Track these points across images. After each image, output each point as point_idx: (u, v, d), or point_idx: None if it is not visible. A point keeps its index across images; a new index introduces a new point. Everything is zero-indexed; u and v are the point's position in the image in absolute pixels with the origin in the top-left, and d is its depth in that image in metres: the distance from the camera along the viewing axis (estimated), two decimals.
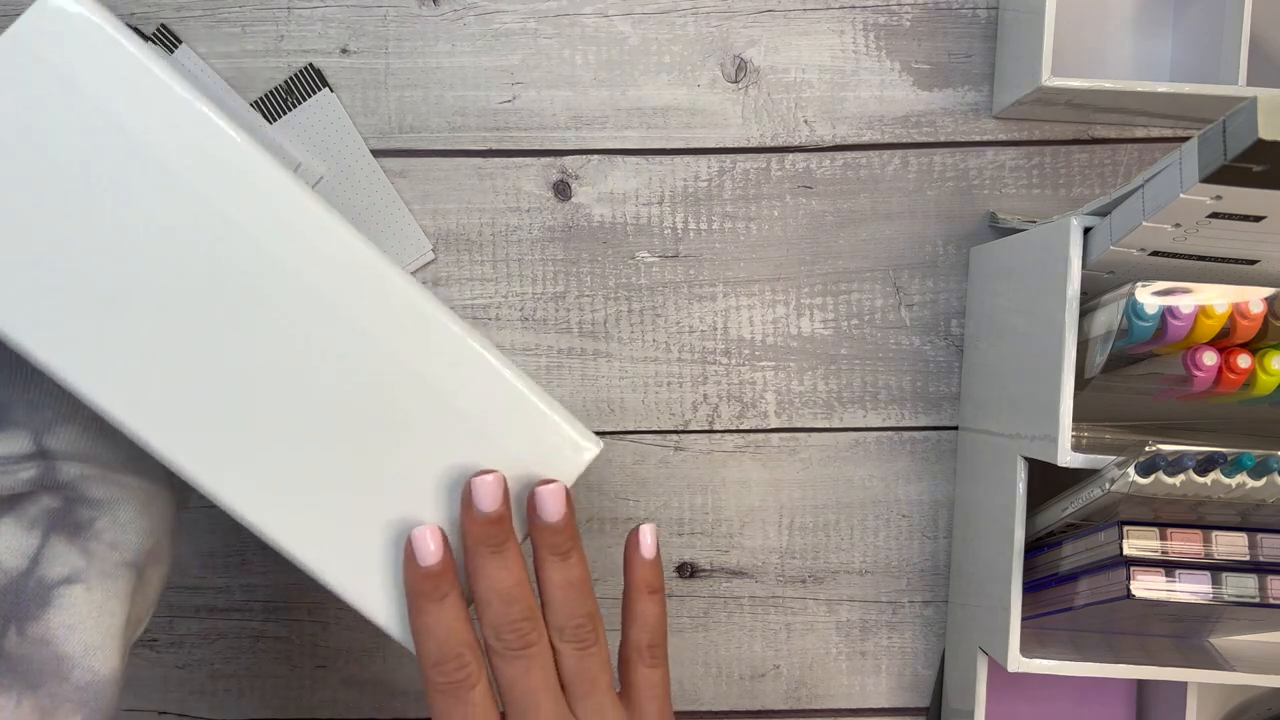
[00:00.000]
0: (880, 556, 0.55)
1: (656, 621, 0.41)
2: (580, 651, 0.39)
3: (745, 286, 0.54)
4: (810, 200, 0.54)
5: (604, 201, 0.53)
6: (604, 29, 0.53)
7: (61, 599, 0.37)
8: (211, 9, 0.52)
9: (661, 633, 0.42)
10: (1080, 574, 0.45)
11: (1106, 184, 0.54)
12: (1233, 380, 0.40)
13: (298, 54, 0.52)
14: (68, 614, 0.37)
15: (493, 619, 0.38)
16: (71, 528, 0.38)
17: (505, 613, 0.38)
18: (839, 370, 0.54)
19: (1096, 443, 0.44)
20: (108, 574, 0.38)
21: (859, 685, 0.56)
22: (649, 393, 0.54)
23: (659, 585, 0.42)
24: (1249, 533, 0.42)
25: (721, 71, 0.53)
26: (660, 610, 0.42)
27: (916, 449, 0.55)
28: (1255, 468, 0.39)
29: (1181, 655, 0.47)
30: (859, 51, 0.53)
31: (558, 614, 0.39)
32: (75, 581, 0.38)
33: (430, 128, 0.53)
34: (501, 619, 0.38)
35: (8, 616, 0.37)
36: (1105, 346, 0.41)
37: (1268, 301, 0.39)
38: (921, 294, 0.54)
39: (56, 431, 0.40)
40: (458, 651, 0.38)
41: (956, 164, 0.53)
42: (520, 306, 0.54)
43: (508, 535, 0.39)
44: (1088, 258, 0.42)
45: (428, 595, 0.38)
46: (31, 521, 0.38)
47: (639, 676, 0.41)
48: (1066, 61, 0.52)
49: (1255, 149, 0.33)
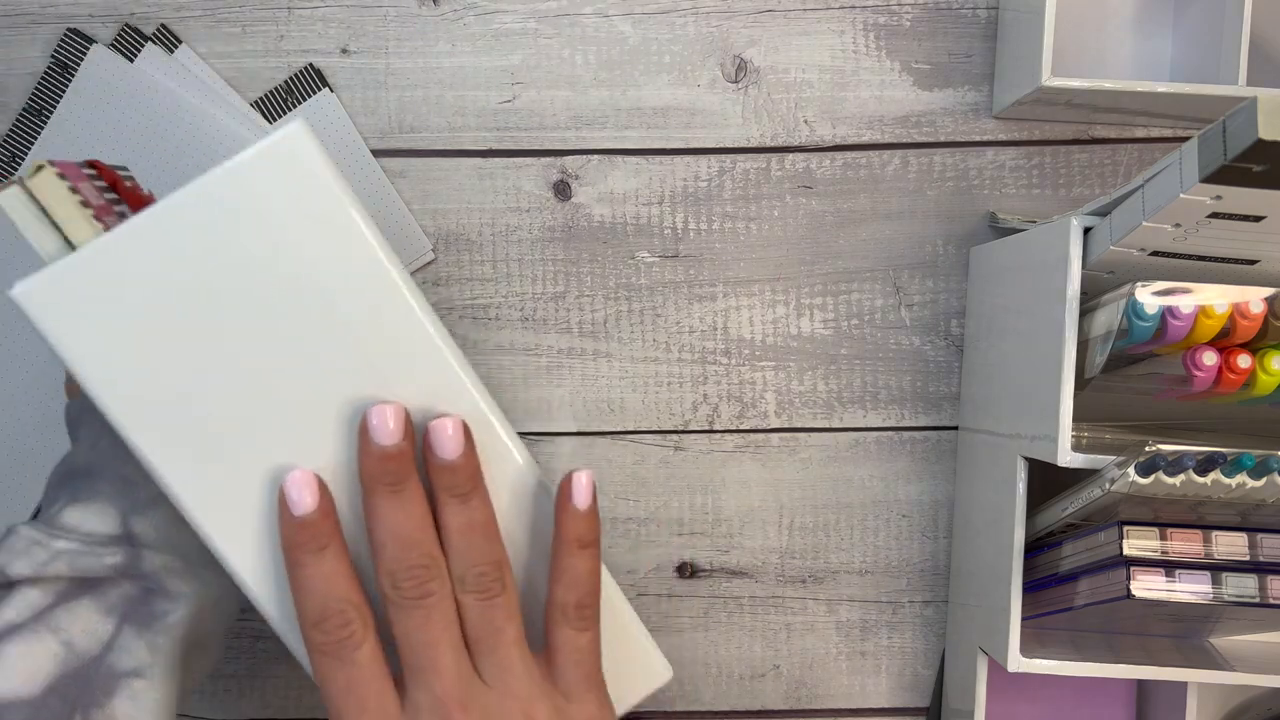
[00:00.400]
0: (880, 556, 0.55)
1: (587, 579, 0.37)
2: (484, 602, 0.36)
3: (745, 286, 0.54)
4: (810, 200, 0.54)
5: (604, 201, 0.53)
6: (604, 29, 0.53)
7: (127, 689, 0.37)
8: (211, 9, 0.52)
9: (593, 592, 0.38)
10: (1080, 574, 0.45)
11: (1106, 184, 0.54)
12: (1233, 380, 0.40)
13: (298, 54, 0.52)
14: (131, 706, 0.36)
15: (388, 564, 0.35)
16: (145, 618, 0.38)
17: (402, 557, 0.35)
18: (839, 370, 0.54)
19: (1096, 443, 0.44)
20: (169, 670, 0.38)
21: (859, 685, 0.56)
22: (649, 393, 0.54)
23: (592, 539, 0.38)
24: (1249, 533, 0.42)
25: (721, 71, 0.53)
26: (593, 566, 0.38)
27: (916, 449, 0.55)
28: (1255, 468, 0.39)
29: (1181, 655, 0.47)
30: (859, 51, 0.53)
31: (459, 561, 0.36)
32: (140, 675, 0.37)
33: (430, 127, 0.53)
34: (398, 564, 0.35)
35: (75, 702, 0.36)
36: (1105, 346, 0.41)
37: (1268, 301, 0.39)
38: (921, 294, 0.54)
39: (146, 514, 0.39)
40: (340, 608, 0.35)
41: (956, 164, 0.53)
42: (520, 306, 0.54)
43: (408, 473, 0.36)
44: (1088, 258, 0.42)
45: (303, 547, 0.35)
46: (109, 607, 0.37)
47: (562, 638, 0.37)
48: (1066, 61, 0.52)
49: (1255, 149, 0.33)
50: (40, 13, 0.52)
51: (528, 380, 0.54)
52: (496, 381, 0.54)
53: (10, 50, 0.52)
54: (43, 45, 0.52)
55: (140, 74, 0.51)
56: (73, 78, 0.51)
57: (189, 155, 0.51)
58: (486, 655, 0.36)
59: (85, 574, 0.37)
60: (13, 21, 0.52)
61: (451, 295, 0.53)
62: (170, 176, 0.51)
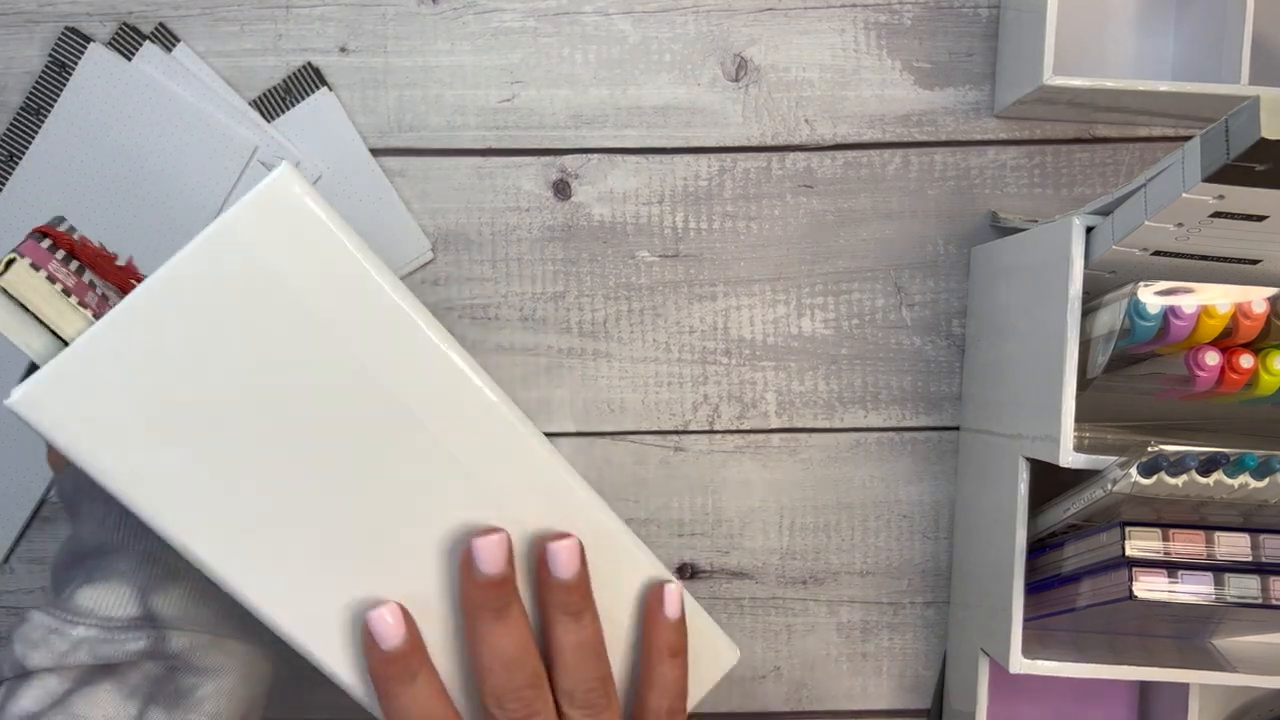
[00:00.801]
0: (881, 557, 0.55)
1: (678, 687, 0.39)
2: (591, 717, 0.37)
3: (745, 286, 0.54)
4: (811, 199, 0.53)
5: (604, 201, 0.53)
6: (604, 27, 0.53)
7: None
8: (210, 7, 0.52)
9: (682, 696, 0.39)
10: (1082, 575, 0.44)
11: (1108, 183, 0.53)
12: (1235, 380, 0.40)
13: (296, 52, 0.52)
14: None
15: (495, 687, 0.36)
16: (172, 695, 0.37)
17: (509, 680, 0.35)
18: (840, 370, 0.54)
19: (1098, 443, 0.44)
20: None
21: (860, 686, 0.55)
22: (649, 393, 0.54)
23: (682, 647, 0.39)
24: (1251, 533, 0.42)
25: (722, 70, 0.53)
26: (683, 674, 0.39)
27: (918, 449, 0.55)
28: (1258, 468, 0.39)
29: (1183, 656, 0.47)
30: (860, 50, 0.53)
31: (568, 678, 0.37)
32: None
33: (429, 126, 0.53)
34: (505, 686, 0.35)
35: None
36: (1107, 346, 0.40)
37: (1270, 301, 0.39)
38: (922, 294, 0.54)
39: (166, 591, 0.38)
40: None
41: (958, 163, 0.53)
42: (520, 306, 0.54)
43: (511, 598, 0.36)
44: (1090, 257, 0.41)
45: (395, 678, 0.35)
46: (132, 689, 0.36)
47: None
48: (1068, 60, 0.52)
49: (1258, 148, 0.33)
50: (38, 11, 0.52)
51: (527, 380, 0.54)
52: (496, 381, 0.54)
53: (8, 49, 0.52)
54: (40, 44, 0.52)
55: (138, 73, 0.51)
56: (70, 76, 0.51)
57: (188, 155, 0.51)
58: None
59: (108, 661, 0.36)
60: (10, 20, 0.52)
61: (451, 295, 0.53)
62: (169, 178, 0.51)
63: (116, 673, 0.36)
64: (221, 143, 0.51)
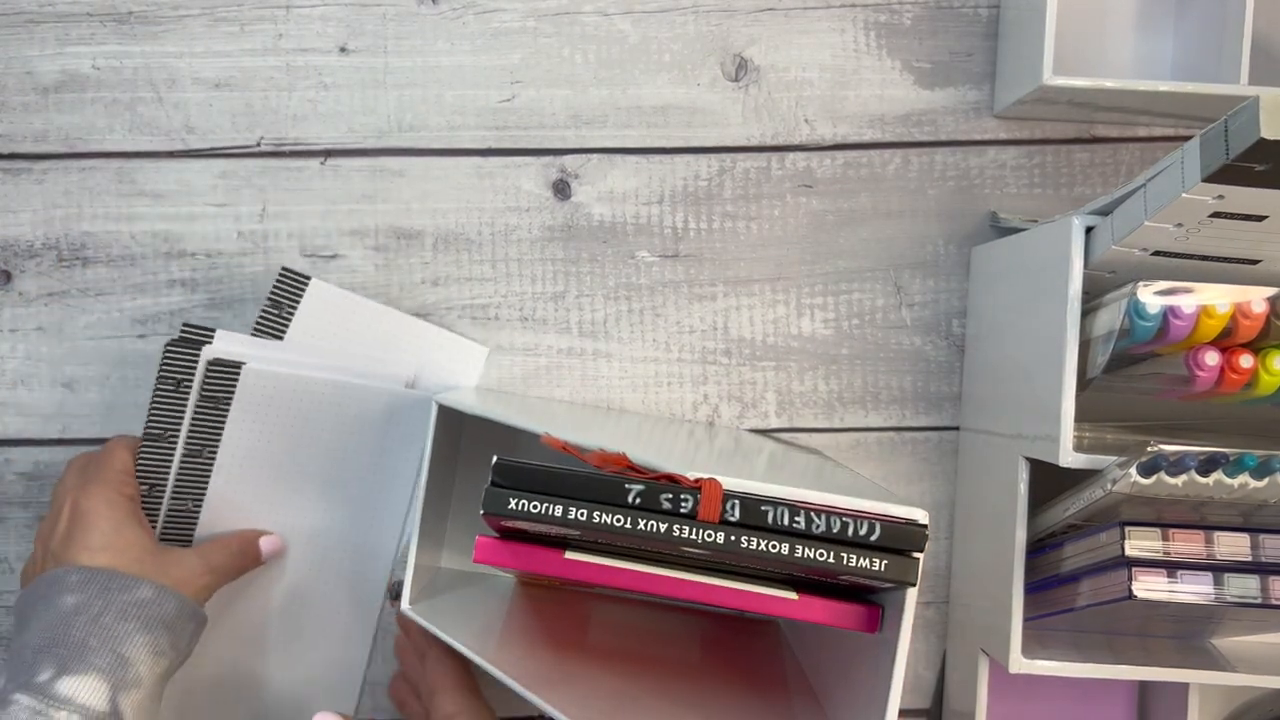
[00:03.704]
0: None
1: None
2: None
3: (745, 286, 0.54)
4: (811, 199, 0.53)
5: (604, 201, 0.53)
6: (604, 28, 0.53)
7: None
8: (209, 7, 0.52)
9: None
10: (1082, 575, 0.44)
11: (1108, 183, 0.53)
12: (1235, 380, 0.40)
13: (296, 52, 0.52)
14: None
15: None
16: None
17: None
18: (840, 370, 0.54)
19: (1098, 443, 0.44)
20: None
21: None
22: (649, 393, 0.54)
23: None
24: (1251, 533, 0.42)
25: (722, 70, 0.53)
26: None
27: (917, 449, 0.54)
28: (1257, 468, 0.39)
29: (1183, 656, 0.47)
30: (860, 50, 0.53)
31: None
32: None
33: (429, 126, 0.53)
34: None
35: None
36: (1107, 346, 0.40)
37: (1270, 301, 0.39)
38: (922, 294, 0.54)
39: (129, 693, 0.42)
40: None
41: (958, 163, 0.53)
42: (520, 306, 0.54)
43: None
44: (1089, 257, 0.41)
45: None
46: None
47: None
48: (1068, 60, 0.52)
49: (1257, 148, 0.33)
50: (38, 11, 0.52)
51: (528, 380, 0.54)
52: (497, 381, 0.54)
53: (8, 49, 0.52)
54: (39, 44, 0.52)
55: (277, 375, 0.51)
56: (231, 401, 0.50)
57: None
58: None
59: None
60: (10, 20, 0.52)
61: (451, 295, 0.53)
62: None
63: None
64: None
